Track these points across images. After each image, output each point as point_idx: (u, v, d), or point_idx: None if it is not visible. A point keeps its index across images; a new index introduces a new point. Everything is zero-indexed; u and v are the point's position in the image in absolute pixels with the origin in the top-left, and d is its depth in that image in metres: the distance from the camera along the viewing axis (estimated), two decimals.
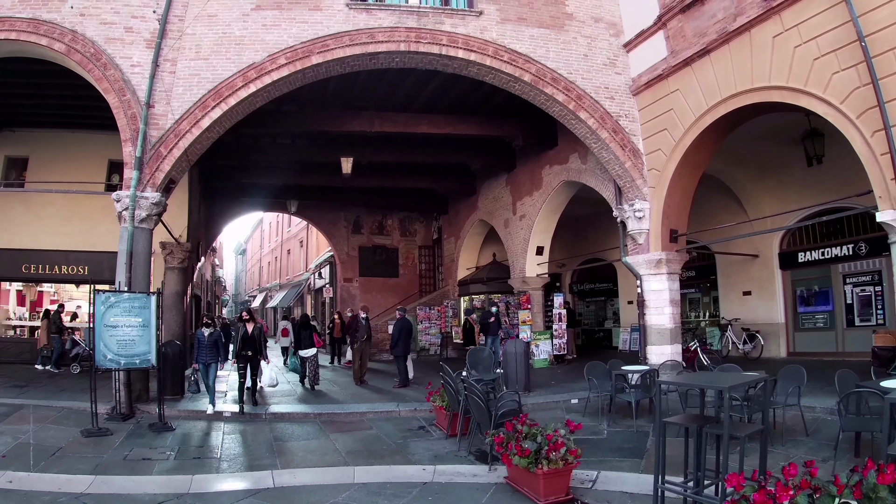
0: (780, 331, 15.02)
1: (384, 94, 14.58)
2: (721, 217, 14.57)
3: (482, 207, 20.59)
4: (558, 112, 12.28)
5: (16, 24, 10.57)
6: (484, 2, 12.02)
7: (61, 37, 10.60)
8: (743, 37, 9.78)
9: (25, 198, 15.24)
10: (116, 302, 9.28)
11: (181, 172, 11.36)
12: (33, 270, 15.67)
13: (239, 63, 10.99)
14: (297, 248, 37.53)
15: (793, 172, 13.82)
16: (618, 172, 12.50)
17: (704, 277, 17.82)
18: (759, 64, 9.45)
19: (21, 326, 16.47)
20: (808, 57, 8.61)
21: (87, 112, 13.92)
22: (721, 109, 10.32)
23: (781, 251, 15.16)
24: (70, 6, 10.82)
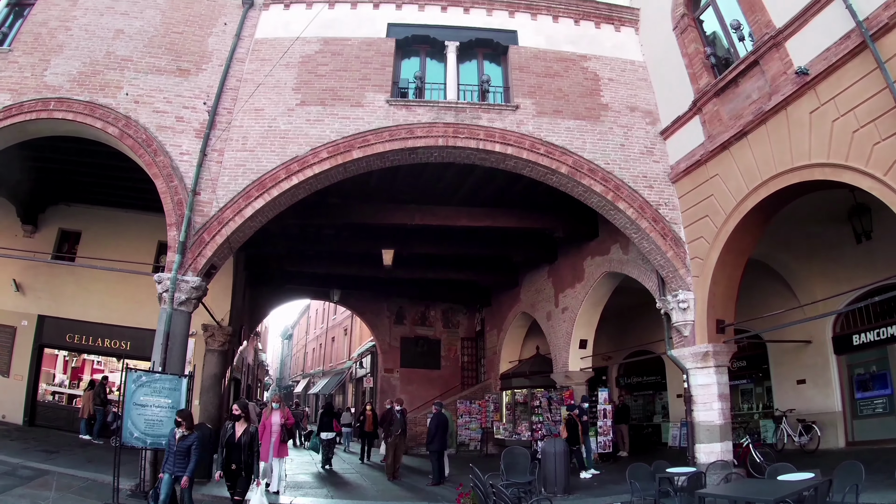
0: (838, 420, 13.85)
1: (424, 187, 14.83)
2: (770, 303, 13.91)
3: (524, 300, 20.33)
4: (597, 203, 12.21)
5: (73, 105, 11.42)
6: (520, 96, 12.34)
7: (115, 121, 11.34)
8: (779, 115, 9.60)
9: (76, 270, 15.69)
10: (148, 382, 9.34)
11: (223, 259, 11.61)
12: (77, 340, 16.00)
13: (283, 155, 11.40)
14: (342, 336, 37.64)
15: (842, 251, 13.19)
16: (659, 262, 12.19)
17: (756, 367, 16.83)
18: (798, 142, 9.21)
19: (61, 393, 16.61)
20: (847, 130, 8.34)
21: (139, 193, 14.54)
22: (762, 192, 10.02)
23: (835, 335, 14.23)
24: (125, 93, 11.67)
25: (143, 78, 12.01)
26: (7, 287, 15.72)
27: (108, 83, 11.84)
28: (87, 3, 12.82)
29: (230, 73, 12.28)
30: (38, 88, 11.62)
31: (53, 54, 12.06)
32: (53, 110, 11.41)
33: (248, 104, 11.93)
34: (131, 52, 12.30)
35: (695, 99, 11.58)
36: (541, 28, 13.42)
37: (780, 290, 14.69)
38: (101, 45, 12.31)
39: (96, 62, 12.07)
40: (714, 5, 11.63)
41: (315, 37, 12.69)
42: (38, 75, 11.76)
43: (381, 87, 12.17)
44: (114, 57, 12.19)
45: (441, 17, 13.34)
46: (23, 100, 11.43)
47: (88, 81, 11.80)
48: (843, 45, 8.31)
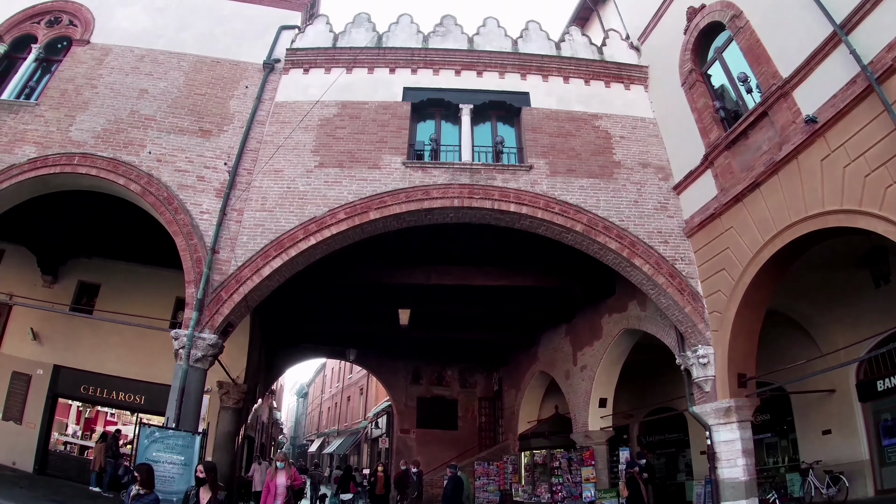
0: (866, 468, 13.19)
1: (440, 246, 14.93)
2: (791, 353, 13.52)
3: (542, 359, 20.11)
4: (613, 260, 12.20)
5: (97, 161, 11.79)
6: (533, 156, 12.56)
7: (138, 178, 11.67)
8: (791, 165, 9.61)
9: (93, 322, 15.76)
10: (161, 438, 9.30)
11: (240, 317, 11.69)
12: (92, 392, 15.96)
13: (301, 216, 11.61)
14: (357, 396, 37.27)
15: (861, 297, 12.84)
16: (678, 318, 12.06)
17: (780, 419, 16.24)
18: (811, 190, 9.19)
19: (73, 443, 16.48)
20: (859, 175, 8.30)
21: (158, 249, 14.59)
22: (778, 243, 9.95)
23: (858, 381, 13.75)
24: (148, 151, 12.06)
25: (165, 137, 12.40)
26: (24, 335, 15.84)
27: (132, 141, 12.23)
28: (114, 63, 13.38)
29: (251, 135, 12.65)
30: (63, 143, 12.02)
31: (79, 110, 12.52)
32: (77, 165, 11.77)
33: (268, 165, 12.26)
34: (155, 112, 12.73)
35: (706, 153, 11.70)
36: (552, 89, 13.79)
37: (800, 340, 14.37)
38: (126, 104, 12.76)
39: (121, 120, 12.50)
40: (721, 59, 11.92)
41: (333, 100, 13.12)
42: (63, 130, 12.18)
43: (398, 150, 12.47)
44: (138, 116, 12.62)
45: (455, 80, 13.80)
46: (48, 153, 11.80)
47: (112, 139, 12.20)
48: (849, 91, 8.40)
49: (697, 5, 12.39)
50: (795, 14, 9.63)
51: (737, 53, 11.35)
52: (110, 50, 13.62)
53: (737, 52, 11.34)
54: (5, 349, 15.88)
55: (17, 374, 15.73)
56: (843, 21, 8.54)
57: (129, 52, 13.64)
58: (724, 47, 11.89)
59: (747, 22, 10.91)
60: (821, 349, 13.51)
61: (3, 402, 15.47)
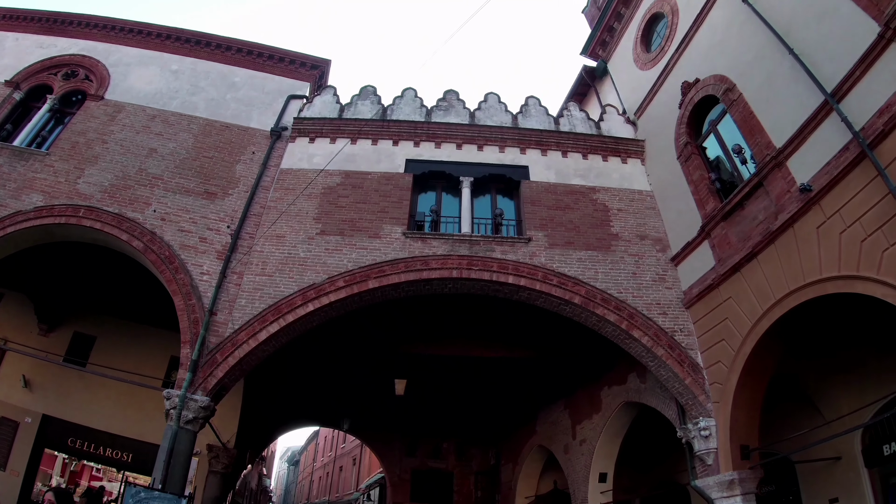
0: None
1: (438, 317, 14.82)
2: (795, 422, 13.21)
3: (541, 432, 19.72)
4: (611, 332, 12.14)
5: (102, 215, 11.97)
6: (532, 229, 12.73)
7: (141, 235, 11.81)
8: (787, 234, 9.67)
9: (86, 375, 15.60)
10: (146, 498, 9.04)
11: (234, 380, 11.54)
12: (79, 445, 15.65)
13: (300, 282, 11.64)
14: (350, 466, 36.32)
15: (864, 362, 12.78)
16: (678, 390, 11.91)
17: (785, 489, 15.67)
18: (808, 257, 9.21)
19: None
20: (856, 240, 8.32)
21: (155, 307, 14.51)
22: (776, 312, 9.89)
23: (864, 447, 13.40)
24: (153, 210, 12.25)
25: (171, 197, 12.62)
26: (16, 381, 15.66)
27: (138, 198, 12.44)
28: (125, 120, 13.78)
29: (255, 200, 12.88)
30: (70, 194, 12.25)
31: (88, 164, 12.81)
32: (83, 217, 11.95)
33: (270, 230, 12.42)
34: (162, 171, 13.02)
35: (703, 224, 11.84)
36: (551, 163, 14.12)
37: (804, 407, 14.11)
38: (135, 161, 13.07)
39: (128, 176, 12.77)
40: (715, 132, 12.23)
41: (337, 170, 13.43)
42: (71, 182, 12.45)
43: (399, 220, 12.65)
44: (145, 174, 12.90)
45: (456, 154, 14.15)
46: (54, 203, 12.02)
47: (119, 194, 12.42)
48: (842, 158, 8.51)
49: (692, 80, 12.79)
50: (787, 85, 9.91)
51: (731, 125, 11.62)
52: (123, 107, 14.08)
53: (731, 125, 11.62)
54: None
55: (5, 419, 15.54)
56: (834, 89, 8.76)
57: (142, 110, 14.10)
58: (718, 120, 12.21)
59: (740, 95, 11.23)
60: (824, 415, 13.28)
61: None
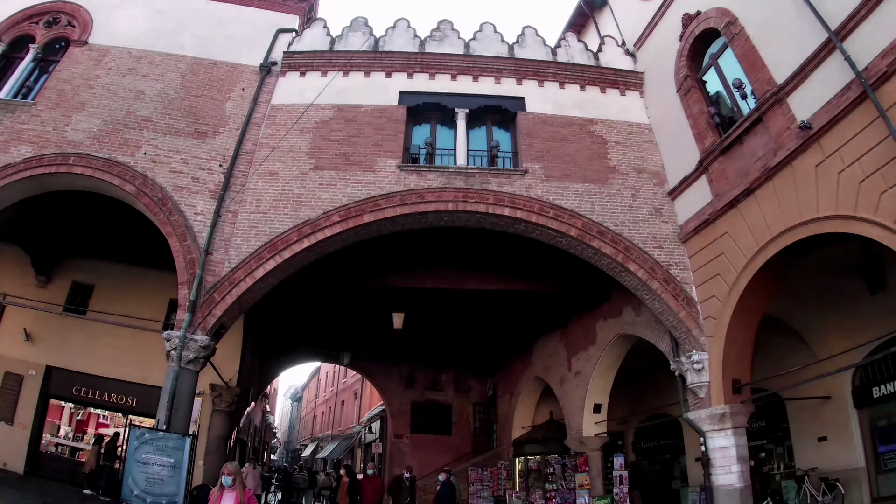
0: (862, 476, 13.10)
1: (435, 250, 14.81)
2: (787, 360, 13.49)
3: (537, 364, 20.07)
4: (607, 265, 12.19)
5: (93, 161, 11.77)
6: (529, 161, 12.57)
7: (132, 179, 11.66)
8: (785, 171, 9.63)
9: (86, 323, 15.72)
10: (151, 439, 9.25)
11: (233, 319, 11.65)
12: (84, 393, 15.89)
13: (295, 219, 11.60)
14: (351, 400, 37.16)
15: (857, 303, 12.83)
16: (672, 323, 12.05)
17: (775, 426, 16.21)
18: (805, 196, 9.20)
19: (64, 445, 16.34)
20: (854, 180, 8.30)
21: (152, 250, 14.50)
22: (772, 248, 9.94)
23: (854, 388, 13.71)
24: (144, 152, 12.05)
25: (161, 138, 12.39)
26: (18, 335, 15.78)
27: (128, 142, 12.21)
28: (111, 64, 13.36)
29: (246, 137, 12.65)
30: (59, 143, 12.00)
31: (75, 111, 12.50)
32: (73, 165, 11.75)
33: (263, 167, 12.27)
34: (151, 113, 12.72)
35: (701, 158, 11.73)
36: (548, 94, 13.81)
37: (795, 346, 14.34)
38: (122, 105, 12.75)
39: (117, 121, 12.48)
40: (716, 66, 11.97)
41: (329, 104, 13.13)
42: (59, 130, 12.16)
43: (393, 153, 12.48)
44: (134, 117, 12.61)
45: (451, 85, 13.81)
46: (44, 153, 11.78)
47: (108, 139, 12.18)
48: (844, 97, 8.42)
49: (693, 12, 12.43)
50: (790, 21, 9.66)
51: (732, 60, 11.37)
52: (108, 51, 13.61)
53: (732, 59, 11.36)
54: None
55: (9, 374, 15.70)
56: (838, 28, 8.57)
57: (127, 53, 13.63)
58: (719, 54, 11.94)
59: (742, 29, 10.95)
60: (816, 355, 13.50)
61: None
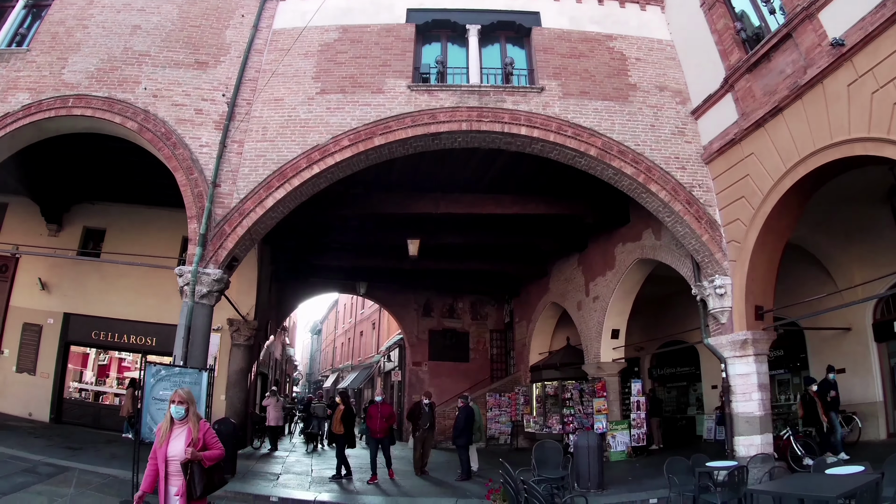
0: (879, 410, 13.16)
1: (449, 174, 14.49)
2: (808, 289, 13.27)
3: (554, 289, 19.91)
4: (627, 186, 11.75)
5: (92, 101, 11.40)
6: (545, 78, 11.95)
7: (134, 115, 11.28)
8: (815, 90, 9.06)
9: (101, 268, 15.91)
10: (167, 375, 9.15)
11: (244, 251, 11.47)
12: (103, 337, 16.11)
13: (303, 145, 11.23)
14: (370, 330, 37.58)
15: (881, 234, 12.50)
16: (694, 247, 11.69)
17: (793, 357, 16.15)
18: (836, 116, 8.67)
19: (87, 390, 16.62)
20: (888, 101, 7.77)
21: (162, 189, 14.36)
22: (801, 170, 9.48)
23: (875, 321, 13.52)
24: (144, 87, 11.63)
25: (161, 72, 11.94)
26: (33, 286, 15.92)
27: (127, 79, 11.79)
28: (104, 1, 12.83)
29: (248, 65, 12.12)
30: (57, 86, 11.62)
31: (71, 52, 12.05)
32: (72, 107, 11.39)
33: (268, 94, 11.81)
34: (149, 48, 12.23)
35: (726, 76, 11.06)
36: (564, 9, 12.99)
37: (817, 275, 14.07)
38: (119, 42, 12.26)
39: (114, 58, 12.02)
40: None
41: (333, 25, 12.50)
42: (56, 74, 11.77)
43: (402, 73, 11.91)
44: (131, 52, 12.13)
45: (461, 0, 12.99)
46: (42, 98, 11.42)
47: (106, 77, 11.76)
48: (879, 14, 7.79)
49: None
50: None
51: None
52: None
53: None
54: (15, 301, 16.04)
55: (27, 325, 15.90)
56: None
57: None
58: None
59: None
60: (837, 285, 13.23)
61: (16, 354, 15.65)
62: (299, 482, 11.21)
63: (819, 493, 4.28)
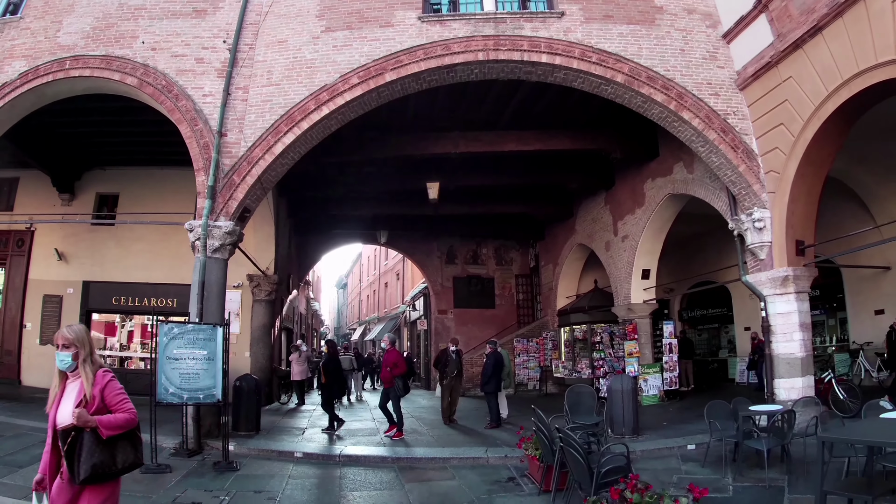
0: None
1: (467, 111, 13.80)
2: (846, 226, 12.48)
3: (580, 230, 19.26)
4: (658, 114, 10.99)
5: (89, 61, 11.01)
6: (565, 2, 11.09)
7: (133, 71, 10.87)
8: (858, 6, 8.18)
9: (117, 233, 16.05)
10: (180, 333, 8.83)
11: (256, 201, 11.10)
12: (123, 302, 16.07)
13: (311, 86, 10.71)
14: (394, 281, 37.41)
15: None
16: (731, 178, 10.96)
17: (830, 297, 15.46)
18: (881, 35, 7.83)
19: (113, 356, 16.56)
20: None
21: (173, 148, 14.01)
22: (843, 94, 8.66)
23: None
24: (141, 41, 11.19)
25: (158, 24, 11.44)
26: (50, 258, 15.94)
27: (123, 34, 11.36)
28: None
29: (249, 8, 11.51)
30: (53, 50, 11.26)
31: (65, 14, 11.60)
32: (70, 69, 11.04)
33: (271, 37, 11.28)
34: (144, 1, 11.67)
35: None
36: None
37: (856, 212, 13.27)
38: None
39: (109, 15, 11.55)
40: None
41: None
42: (51, 38, 11.39)
43: (412, 4, 11.16)
44: (126, 7, 11.64)
45: None
46: (38, 64, 11.05)
47: (102, 36, 11.35)
48: None
49: None
50: None
51: None
52: None
53: None
54: (33, 275, 16.10)
55: (48, 297, 15.97)
56: None
57: None
58: None
59: None
60: (876, 221, 12.42)
61: (39, 326, 15.73)
62: (324, 436, 11.01)
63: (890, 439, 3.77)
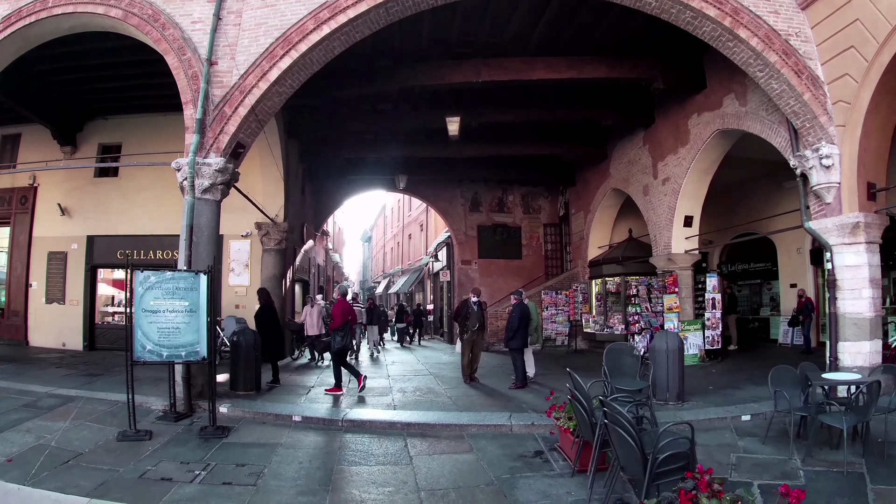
0: None
1: (489, 34, 12.35)
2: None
3: (615, 174, 17.79)
4: (709, 33, 9.48)
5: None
6: None
7: (118, 2, 9.77)
8: None
9: (121, 184, 15.81)
10: (157, 283, 7.71)
11: (251, 135, 10.00)
12: (128, 256, 15.19)
13: (309, 4, 9.47)
14: (418, 232, 36.37)
15: None
16: (793, 108, 9.45)
17: (889, 251, 13.95)
18: None
19: (119, 312, 15.90)
20: None
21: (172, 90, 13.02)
22: None
23: None
24: None
25: None
26: (53, 213, 15.59)
27: None
28: None
29: None
30: None
31: None
32: (52, 7, 10.07)
33: None
34: None
35: None
36: None
37: None
38: None
39: None
40: None
41: None
42: None
43: None
44: None
45: None
46: (20, 5, 10.09)
47: None
48: None
49: None
50: None
51: None
52: None
53: None
54: (37, 232, 15.87)
55: (52, 253, 15.72)
56: None
57: None
58: None
59: None
60: None
61: (45, 285, 15.56)
62: (328, 397, 10.07)
63: None
